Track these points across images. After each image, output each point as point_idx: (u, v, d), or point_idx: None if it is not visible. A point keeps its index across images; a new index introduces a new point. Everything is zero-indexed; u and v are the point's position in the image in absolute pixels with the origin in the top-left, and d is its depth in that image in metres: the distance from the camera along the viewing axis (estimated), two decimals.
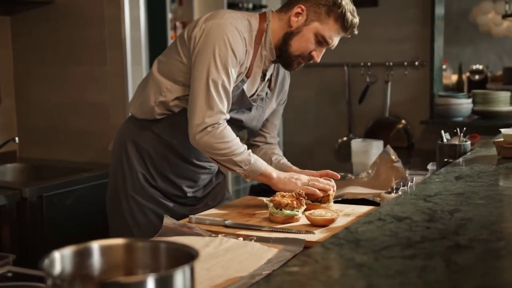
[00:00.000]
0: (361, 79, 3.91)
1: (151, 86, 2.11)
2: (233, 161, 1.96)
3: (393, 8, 3.79)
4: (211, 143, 1.94)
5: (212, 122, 1.93)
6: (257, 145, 2.34)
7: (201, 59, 1.95)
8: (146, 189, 2.14)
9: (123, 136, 2.18)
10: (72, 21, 3.21)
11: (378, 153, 2.61)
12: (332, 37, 2.02)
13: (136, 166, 2.13)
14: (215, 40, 1.94)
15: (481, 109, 3.63)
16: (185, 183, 2.19)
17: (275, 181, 1.99)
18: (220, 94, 1.95)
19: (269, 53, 2.07)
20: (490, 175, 1.78)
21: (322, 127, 4.08)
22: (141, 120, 2.15)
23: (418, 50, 3.76)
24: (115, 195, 2.17)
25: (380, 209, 1.38)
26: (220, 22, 1.96)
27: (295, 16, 2.01)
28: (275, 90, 2.23)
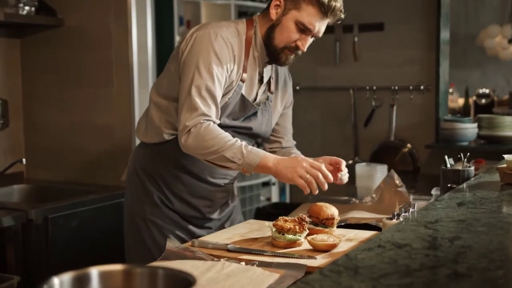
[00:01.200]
0: (367, 103, 3.92)
1: (153, 109, 2.13)
2: (225, 157, 1.90)
3: (399, 33, 3.82)
4: (197, 144, 1.91)
5: (193, 123, 1.92)
6: (274, 151, 2.31)
7: (186, 69, 1.98)
8: (164, 211, 2.14)
9: (134, 164, 2.20)
10: (81, 44, 3.25)
11: (383, 178, 2.61)
12: (313, 23, 1.98)
13: (152, 190, 2.15)
14: (199, 50, 1.97)
15: (487, 134, 3.62)
16: (202, 203, 2.19)
17: (273, 171, 1.91)
18: (203, 97, 1.93)
19: (261, 53, 2.08)
20: (492, 201, 1.78)
21: (328, 150, 4.06)
22: (151, 145, 2.15)
23: (424, 74, 3.78)
24: (133, 222, 2.18)
25: (380, 236, 1.38)
26: (204, 32, 1.99)
27: (274, 8, 2.02)
28: (277, 94, 2.22)
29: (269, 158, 1.92)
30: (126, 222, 2.23)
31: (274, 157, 1.93)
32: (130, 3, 3.11)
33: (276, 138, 2.31)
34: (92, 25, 3.21)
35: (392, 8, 3.82)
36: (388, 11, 3.84)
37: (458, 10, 6.63)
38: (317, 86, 4.08)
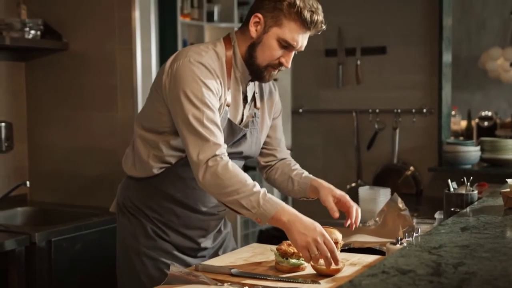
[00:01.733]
0: (370, 126, 3.93)
1: (139, 143, 2.06)
2: (240, 203, 1.79)
3: (401, 56, 3.84)
4: (215, 180, 1.81)
5: (209, 155, 1.83)
6: (270, 165, 2.26)
7: (176, 104, 1.89)
8: (159, 244, 2.08)
9: (124, 197, 2.13)
10: (85, 68, 3.29)
11: (386, 201, 2.61)
12: (296, 39, 1.92)
13: (146, 223, 2.08)
14: (184, 81, 1.88)
15: (490, 157, 3.63)
16: (196, 233, 2.13)
17: (285, 228, 1.79)
18: (207, 127, 1.86)
19: (243, 73, 2.02)
20: (496, 226, 1.78)
21: (331, 174, 4.08)
22: (140, 179, 2.09)
23: (426, 97, 3.79)
24: (126, 255, 2.11)
25: (384, 261, 1.38)
26: (184, 62, 1.91)
27: (253, 26, 1.95)
28: (264, 108, 2.15)
29: (285, 212, 1.79)
30: (119, 255, 2.16)
31: (290, 213, 1.79)
32: (134, 27, 3.15)
33: (269, 151, 2.24)
34: (97, 49, 3.25)
35: (394, 31, 3.85)
36: (390, 34, 3.86)
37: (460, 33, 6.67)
38: (319, 109, 4.09)
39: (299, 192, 2.19)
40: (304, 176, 2.19)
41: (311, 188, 2.15)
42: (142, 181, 2.08)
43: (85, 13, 3.27)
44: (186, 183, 2.04)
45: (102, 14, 3.22)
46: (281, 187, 2.24)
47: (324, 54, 4.04)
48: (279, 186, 2.25)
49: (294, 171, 2.21)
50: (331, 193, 2.08)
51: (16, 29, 3.15)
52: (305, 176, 2.19)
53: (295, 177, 2.19)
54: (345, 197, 2.08)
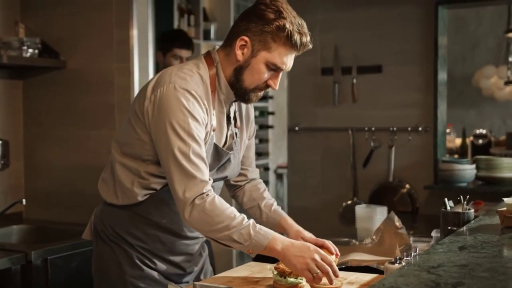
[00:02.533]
0: (366, 144, 3.95)
1: (121, 170, 1.96)
2: (231, 238, 1.77)
3: (397, 74, 3.87)
4: (203, 218, 1.78)
5: (196, 194, 1.78)
6: (238, 185, 2.21)
7: (161, 135, 1.82)
8: (146, 273, 2.00)
9: (105, 225, 2.03)
10: (83, 87, 3.30)
11: (382, 219, 2.62)
12: (285, 62, 1.88)
13: (130, 251, 1.99)
14: (169, 111, 1.80)
15: (485, 175, 3.64)
16: (182, 259, 2.07)
17: (280, 256, 1.80)
18: (193, 162, 1.79)
19: (227, 95, 1.96)
20: (493, 245, 1.78)
21: (327, 191, 4.09)
22: (120, 206, 1.99)
23: (422, 116, 3.81)
24: (109, 286, 2.01)
25: (383, 281, 1.39)
26: (169, 89, 1.82)
27: (239, 49, 1.87)
28: (242, 126, 2.10)
29: (278, 241, 1.79)
30: (98, 285, 2.06)
31: (283, 241, 1.80)
32: (132, 46, 3.17)
33: (241, 170, 2.17)
34: (95, 68, 3.26)
35: (390, 50, 3.88)
36: (386, 53, 3.89)
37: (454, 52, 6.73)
38: (316, 127, 4.11)
39: (266, 224, 2.09)
40: (273, 210, 2.14)
41: (279, 226, 2.11)
42: (124, 208, 1.99)
43: (83, 31, 3.29)
44: (171, 209, 1.97)
45: (100, 32, 3.24)
46: (249, 212, 2.16)
47: (321, 73, 4.06)
48: (246, 211, 2.17)
49: (264, 200, 2.16)
50: (300, 236, 2.04)
51: (13, 48, 3.16)
52: (274, 210, 2.14)
53: (264, 209, 2.15)
54: (313, 238, 2.02)
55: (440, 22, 3.74)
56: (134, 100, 1.97)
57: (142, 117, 1.88)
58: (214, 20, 5.05)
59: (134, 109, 1.93)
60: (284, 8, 1.87)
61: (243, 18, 1.91)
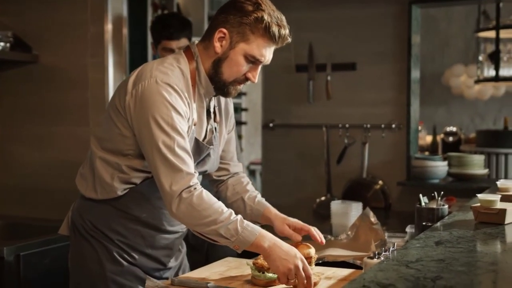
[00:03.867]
0: (339, 141, 3.98)
1: (100, 165, 1.95)
2: (218, 233, 1.77)
3: (371, 72, 3.90)
4: (190, 212, 1.77)
5: (183, 187, 1.78)
6: (221, 180, 2.20)
7: (144, 129, 1.81)
8: (126, 268, 1.99)
9: (82, 219, 2.02)
10: (56, 82, 3.26)
11: (358, 215, 2.65)
12: (263, 54, 1.88)
13: (110, 246, 1.98)
14: (152, 105, 1.80)
15: (456, 172, 3.70)
16: (162, 253, 2.07)
17: (266, 254, 1.79)
18: (178, 155, 1.79)
19: (207, 89, 1.95)
20: (468, 240, 1.81)
21: (301, 188, 4.11)
22: (100, 201, 1.98)
23: (395, 113, 3.86)
24: (87, 282, 2.00)
25: (364, 276, 1.40)
26: (150, 83, 1.81)
27: (218, 41, 1.88)
28: (221, 121, 2.10)
29: (265, 238, 1.79)
30: (76, 282, 2.04)
31: (270, 239, 1.79)
32: (107, 41, 3.14)
33: (222, 165, 2.17)
34: (68, 63, 3.22)
35: (364, 48, 3.92)
36: (360, 51, 3.93)
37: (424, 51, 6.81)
38: (290, 124, 4.12)
39: (250, 216, 2.11)
40: (257, 201, 2.13)
41: (264, 217, 2.11)
42: (103, 203, 1.98)
43: (56, 26, 3.25)
44: (151, 203, 1.97)
45: (74, 27, 3.20)
46: (232, 206, 2.14)
47: (295, 70, 4.08)
48: (230, 205, 2.16)
49: (247, 192, 2.15)
50: (285, 222, 2.05)
51: None
52: (258, 201, 2.13)
53: (247, 201, 2.13)
54: (299, 223, 2.05)
55: (413, 21, 3.78)
56: (114, 95, 1.95)
57: (124, 112, 1.87)
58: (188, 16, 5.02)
59: (115, 104, 1.91)
60: (263, 1, 1.88)
61: (222, 10, 1.91)
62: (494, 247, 1.81)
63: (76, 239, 2.05)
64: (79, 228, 2.03)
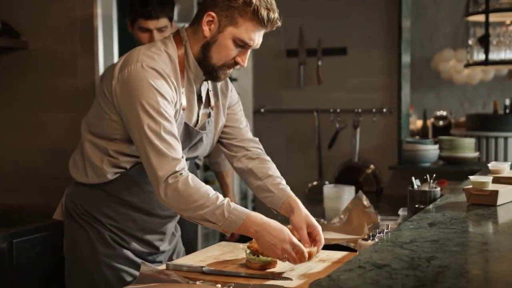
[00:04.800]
0: (331, 125, 3.98)
1: (90, 149, 1.97)
2: (205, 218, 1.77)
3: (361, 57, 3.90)
4: (177, 197, 1.77)
5: (167, 173, 1.77)
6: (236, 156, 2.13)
7: (130, 114, 1.81)
8: (119, 252, 2.00)
9: (75, 204, 2.03)
10: (46, 68, 3.22)
11: (350, 199, 2.65)
12: (253, 38, 1.86)
13: (102, 230, 2.00)
14: (138, 90, 1.80)
15: (447, 155, 3.72)
16: (155, 237, 2.08)
17: (254, 237, 1.81)
18: (165, 140, 1.79)
19: (196, 73, 1.94)
20: (461, 221, 1.83)
21: (292, 173, 4.11)
22: (91, 185, 2.00)
23: (386, 98, 3.86)
24: (80, 266, 2.02)
25: (359, 257, 1.41)
26: (136, 68, 1.81)
27: (206, 25, 1.86)
28: (218, 104, 2.07)
29: (252, 223, 1.78)
30: (71, 266, 2.05)
31: (258, 223, 1.78)
32: (96, 26, 3.11)
33: (238, 143, 2.13)
34: (57, 49, 3.19)
35: (354, 33, 3.91)
36: (351, 36, 3.92)
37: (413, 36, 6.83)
38: (281, 109, 4.12)
39: (270, 204, 2.08)
40: (281, 188, 2.06)
41: (285, 206, 2.03)
42: (94, 188, 1.99)
43: (45, 11, 3.21)
44: (142, 188, 1.98)
45: (63, 12, 3.16)
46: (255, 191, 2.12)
47: (286, 55, 4.07)
48: (253, 190, 2.14)
49: (270, 178, 2.09)
50: (306, 221, 1.96)
51: None
52: (282, 188, 2.06)
53: (270, 187, 2.06)
54: (317, 230, 1.95)
55: (403, 5, 3.78)
56: (102, 80, 1.97)
57: (110, 97, 1.88)
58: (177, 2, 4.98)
59: (102, 89, 1.93)
60: None
61: None
62: (487, 228, 1.82)
63: (70, 224, 2.06)
64: (72, 213, 2.04)
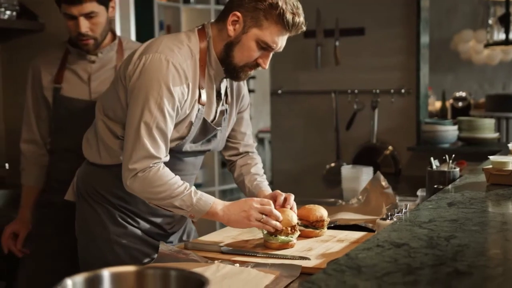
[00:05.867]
0: (349, 106, 3.96)
1: (104, 131, 1.99)
2: (174, 205, 1.83)
3: (379, 37, 3.87)
4: (144, 189, 1.83)
5: (142, 167, 1.81)
6: (231, 160, 2.21)
7: (134, 101, 1.83)
8: (130, 231, 2.02)
9: (86, 184, 2.05)
10: None
11: (368, 179, 2.64)
12: (276, 41, 1.86)
13: (113, 210, 2.02)
14: (149, 80, 1.82)
15: (467, 136, 3.69)
16: (163, 221, 2.09)
17: (224, 219, 1.86)
18: (153, 137, 1.82)
19: (217, 71, 1.95)
20: (481, 201, 1.81)
21: (310, 154, 4.11)
22: (103, 166, 2.02)
23: (404, 78, 3.83)
24: (93, 245, 2.04)
25: (377, 236, 1.41)
26: (155, 57, 1.83)
27: (231, 24, 1.87)
28: (232, 102, 2.09)
29: (218, 205, 1.86)
30: (84, 245, 2.08)
31: (223, 204, 1.87)
32: None
33: (232, 144, 2.19)
34: None
35: (372, 13, 3.88)
36: (368, 16, 3.89)
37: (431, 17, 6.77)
38: (298, 90, 4.11)
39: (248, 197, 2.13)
40: (255, 184, 2.13)
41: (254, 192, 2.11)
42: (106, 169, 2.01)
43: None
44: None
45: None
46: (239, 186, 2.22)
47: (303, 36, 4.04)
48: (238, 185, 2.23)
49: (249, 174, 2.16)
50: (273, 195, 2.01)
51: None
52: (256, 184, 2.13)
53: (247, 183, 2.15)
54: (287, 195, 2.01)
55: None
56: (121, 64, 1.97)
57: (125, 81, 1.89)
58: None
59: (119, 73, 1.94)
60: None
61: None
62: (507, 208, 1.80)
63: (81, 204, 2.08)
64: (83, 193, 2.06)
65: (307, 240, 1.97)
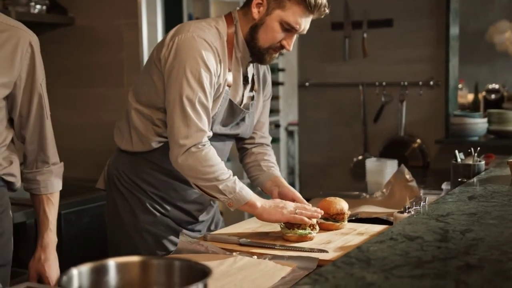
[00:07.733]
0: (376, 99, 3.93)
1: (136, 117, 2.02)
2: (218, 188, 1.85)
3: (408, 28, 3.82)
4: (195, 166, 1.85)
5: (194, 142, 1.85)
6: (245, 148, 2.23)
7: (173, 79, 1.87)
8: (159, 219, 2.06)
9: (118, 172, 2.09)
10: (91, 44, 3.28)
11: (392, 173, 2.62)
12: (299, 22, 1.91)
13: (143, 198, 2.05)
14: (185, 57, 1.86)
15: (497, 129, 3.62)
16: (194, 207, 2.13)
17: (259, 211, 1.89)
18: (197, 111, 1.86)
19: (244, 53, 2.00)
20: (503, 195, 1.78)
21: (337, 147, 4.09)
22: (135, 153, 2.06)
23: (433, 70, 3.77)
24: (123, 233, 2.07)
25: (392, 229, 1.40)
26: (187, 36, 1.88)
27: (255, 7, 1.93)
28: (259, 90, 2.15)
29: (258, 198, 1.90)
30: (113, 233, 2.11)
31: (261, 199, 1.91)
32: (140, 2, 3.14)
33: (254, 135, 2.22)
34: (103, 24, 3.24)
35: (400, 4, 3.83)
36: (397, 7, 3.84)
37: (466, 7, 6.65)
38: (326, 83, 4.08)
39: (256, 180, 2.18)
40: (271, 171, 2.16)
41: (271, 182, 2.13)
42: (138, 155, 2.05)
43: None
44: None
45: None
46: (247, 171, 2.23)
47: (331, 28, 4.02)
48: (246, 169, 2.24)
49: (265, 161, 2.18)
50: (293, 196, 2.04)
51: (21, 4, 3.14)
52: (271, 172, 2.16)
53: (264, 167, 2.17)
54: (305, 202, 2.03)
55: None
56: (153, 50, 2.02)
57: (159, 64, 1.94)
58: None
59: (152, 58, 1.99)
60: None
61: None
62: None
63: (111, 192, 2.12)
64: (114, 180, 2.10)
65: (327, 233, 1.97)
